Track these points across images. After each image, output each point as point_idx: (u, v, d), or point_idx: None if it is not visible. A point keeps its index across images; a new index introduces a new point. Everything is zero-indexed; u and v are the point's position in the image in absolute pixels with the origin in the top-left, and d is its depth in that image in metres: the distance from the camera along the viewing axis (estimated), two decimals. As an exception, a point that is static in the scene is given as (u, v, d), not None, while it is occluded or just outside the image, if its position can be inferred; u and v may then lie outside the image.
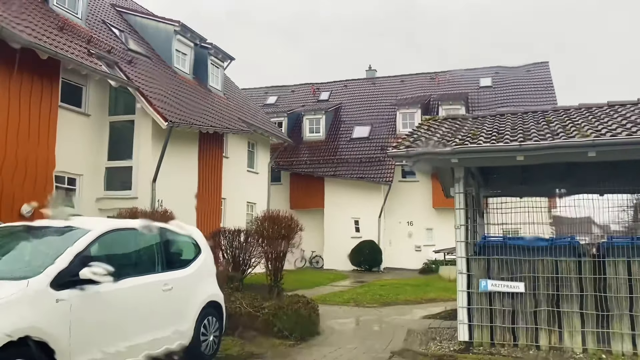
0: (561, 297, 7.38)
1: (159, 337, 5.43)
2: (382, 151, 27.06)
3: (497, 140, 7.37)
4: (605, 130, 7.11)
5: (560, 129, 7.58)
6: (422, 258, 24.54)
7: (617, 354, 7.09)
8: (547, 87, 29.03)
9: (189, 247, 6.58)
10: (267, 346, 7.55)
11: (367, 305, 12.89)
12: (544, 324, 7.40)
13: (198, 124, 16.29)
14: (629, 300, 7.16)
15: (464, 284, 7.78)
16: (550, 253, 7.48)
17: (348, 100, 32.58)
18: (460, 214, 7.96)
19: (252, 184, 21.89)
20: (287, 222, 10.17)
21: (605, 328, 7.23)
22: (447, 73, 32.56)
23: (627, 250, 7.23)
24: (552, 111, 9.30)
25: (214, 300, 6.65)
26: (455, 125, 9.20)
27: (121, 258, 5.35)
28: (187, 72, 19.32)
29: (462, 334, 7.69)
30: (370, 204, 25.94)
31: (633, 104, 8.91)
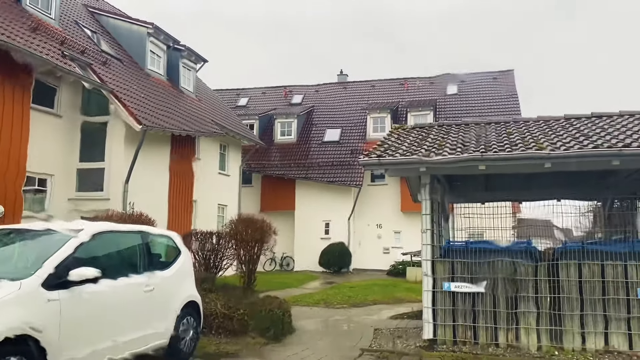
0: (518, 297, 7.92)
1: (141, 336, 5.69)
2: (353, 155, 27.57)
3: (461, 151, 7.86)
4: (560, 144, 7.68)
5: (519, 140, 8.13)
6: (390, 260, 25.10)
7: (568, 350, 7.67)
8: (512, 95, 30.08)
9: (168, 250, 6.84)
10: (242, 345, 7.85)
11: (337, 306, 13.28)
12: (503, 322, 7.92)
13: (171, 127, 16.41)
14: (579, 300, 7.75)
15: (429, 285, 8.25)
16: (508, 256, 8.01)
17: (320, 103, 33.00)
18: (427, 219, 8.43)
19: (223, 186, 22.04)
20: (262, 225, 10.46)
21: (558, 326, 7.81)
22: (416, 79, 33.36)
23: (578, 254, 7.82)
24: (513, 122, 9.89)
25: (192, 300, 6.92)
26: (422, 134, 9.69)
27: (107, 260, 5.57)
28: (160, 73, 19.38)
29: (427, 332, 8.15)
30: (341, 206, 26.40)
31: (587, 117, 9.57)
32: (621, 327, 7.63)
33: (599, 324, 7.69)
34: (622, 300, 7.63)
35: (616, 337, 7.65)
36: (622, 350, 7.56)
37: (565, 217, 12.18)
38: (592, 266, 7.70)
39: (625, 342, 7.60)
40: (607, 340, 7.68)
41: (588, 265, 7.73)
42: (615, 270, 7.69)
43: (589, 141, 7.61)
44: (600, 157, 7.21)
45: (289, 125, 30.34)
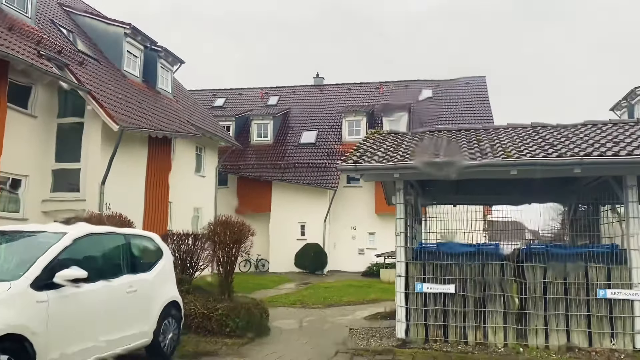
0: (486, 297, 8.31)
1: (124, 336, 5.86)
2: (329, 157, 27.92)
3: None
4: (526, 151, 8.10)
5: (488, 148, 8.53)
6: (364, 261, 25.50)
7: (532, 347, 8.09)
8: (484, 101, 30.85)
9: (151, 252, 6.99)
10: (221, 344, 8.05)
11: (313, 307, 13.55)
12: (471, 321, 8.31)
13: (149, 128, 16.44)
14: (543, 300, 8.18)
15: (402, 286, 8.58)
16: (478, 258, 8.40)
17: (296, 105, 33.23)
18: (401, 223, 8.77)
19: (199, 187, 22.09)
20: (240, 227, 10.64)
21: (523, 325, 8.23)
22: (391, 84, 33.90)
23: (543, 257, 8.26)
24: (483, 130, 10.32)
25: (173, 301, 7.10)
26: (397, 140, 10.04)
27: (92, 261, 5.72)
28: (136, 74, 19.33)
29: (400, 331, 8.48)
30: (316, 208, 26.67)
31: (553, 126, 10.05)
32: (582, 325, 8.07)
33: (562, 322, 8.13)
34: (583, 301, 8.08)
35: (577, 334, 8.09)
36: (582, 346, 8.00)
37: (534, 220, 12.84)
38: (555, 268, 8.13)
39: (585, 339, 8.05)
40: (569, 338, 8.11)
41: (551, 266, 8.16)
42: (577, 271, 8.13)
43: (554, 150, 8.04)
44: (563, 166, 7.65)
45: (266, 126, 30.50)
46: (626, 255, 8.10)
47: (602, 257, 8.16)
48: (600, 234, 9.62)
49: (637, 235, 8.05)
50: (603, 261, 8.13)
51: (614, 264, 8.10)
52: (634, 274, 7.91)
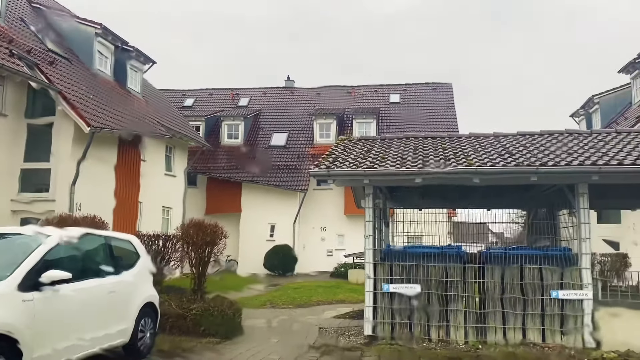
0: (449, 297, 8.80)
1: (105, 334, 6.08)
2: (299, 159, 28.28)
3: (400, 164, 8.68)
4: (487, 160, 8.64)
5: (452, 156, 9.04)
6: (333, 262, 25.90)
7: (491, 343, 8.62)
8: (449, 107, 31.75)
9: (129, 253, 7.21)
10: (195, 343, 8.30)
11: (283, 307, 13.87)
12: (435, 320, 8.79)
13: (120, 129, 16.46)
14: (501, 300, 8.72)
15: (370, 286, 9.00)
16: (441, 260, 8.89)
17: (267, 107, 33.42)
18: (369, 226, 9.19)
19: (168, 188, 22.09)
20: (213, 229, 10.88)
21: (483, 323, 8.75)
22: (361, 88, 34.49)
23: (501, 259, 8.81)
24: (448, 138, 10.85)
25: (150, 301, 7.33)
26: (367, 146, 10.48)
27: (75, 263, 5.91)
28: (107, 74, 19.28)
29: (368, 329, 8.91)
30: (286, 210, 26.96)
31: (513, 135, 10.66)
32: (536, 323, 8.64)
33: (518, 320, 8.68)
34: (538, 300, 8.65)
35: (532, 332, 8.65)
36: (537, 342, 8.57)
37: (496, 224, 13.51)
38: (512, 269, 8.69)
39: (539, 336, 8.62)
40: (525, 335, 8.67)
41: (509, 268, 8.72)
42: (533, 273, 8.71)
43: (512, 159, 8.60)
44: (521, 174, 8.22)
45: (236, 127, 30.64)
46: (578, 257, 8.71)
47: (556, 260, 8.76)
48: (560, 237, 10.25)
49: (588, 240, 8.67)
50: (557, 263, 8.73)
51: (566, 266, 8.70)
52: (584, 275, 8.52)
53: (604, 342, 8.32)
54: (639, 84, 23.31)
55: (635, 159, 8.17)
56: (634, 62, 23.32)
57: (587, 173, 8.13)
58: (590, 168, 8.03)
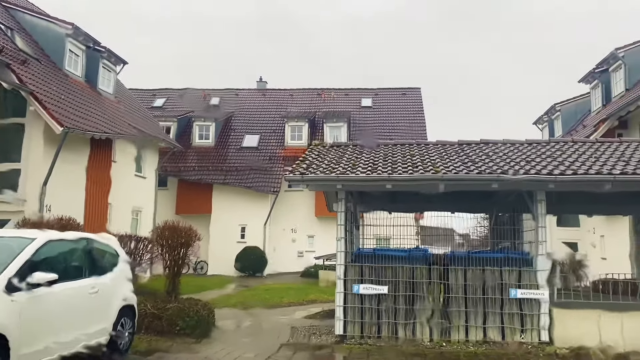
0: (415, 297, 9.27)
1: (87, 333, 6.30)
2: (271, 161, 28.57)
3: (371, 171, 9.11)
4: (452, 167, 9.15)
5: (420, 163, 9.53)
6: (304, 263, 26.24)
7: (454, 341, 9.13)
8: (419, 111, 32.54)
9: (110, 255, 7.41)
10: (171, 343, 8.54)
11: (255, 308, 14.14)
12: (402, 319, 9.24)
13: (92, 130, 16.45)
14: (464, 300, 9.24)
15: (341, 287, 9.40)
16: (409, 262, 9.36)
17: (239, 109, 33.56)
18: (341, 229, 9.59)
19: (139, 188, 22.07)
20: (187, 232, 11.11)
21: (447, 322, 9.24)
22: (332, 91, 34.97)
23: (464, 261, 9.33)
24: (416, 145, 11.36)
25: (129, 302, 7.54)
26: (339, 152, 10.89)
27: (58, 265, 6.09)
28: (78, 74, 19.17)
29: (338, 328, 9.30)
30: (257, 211, 27.20)
31: (476, 143, 11.24)
32: (496, 321, 9.19)
33: (480, 319, 9.22)
34: (498, 300, 9.20)
35: (492, 330, 9.20)
36: (496, 340, 9.12)
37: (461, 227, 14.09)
38: (475, 271, 9.22)
39: (499, 334, 9.18)
40: (485, 333, 9.21)
41: (472, 270, 9.25)
42: (493, 274, 9.26)
43: (475, 167, 9.14)
44: (483, 181, 8.76)
45: (208, 128, 30.68)
46: (535, 260, 9.30)
47: (515, 262, 9.34)
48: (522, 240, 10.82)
49: (544, 243, 9.27)
50: (516, 265, 9.30)
51: (524, 268, 9.28)
52: (539, 276, 9.11)
53: (558, 338, 8.94)
54: (597, 94, 24.46)
55: (587, 169, 8.81)
56: (593, 73, 24.47)
57: (544, 182, 8.72)
58: (546, 177, 8.62)
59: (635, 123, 19.74)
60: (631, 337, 8.77)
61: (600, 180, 8.60)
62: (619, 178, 8.52)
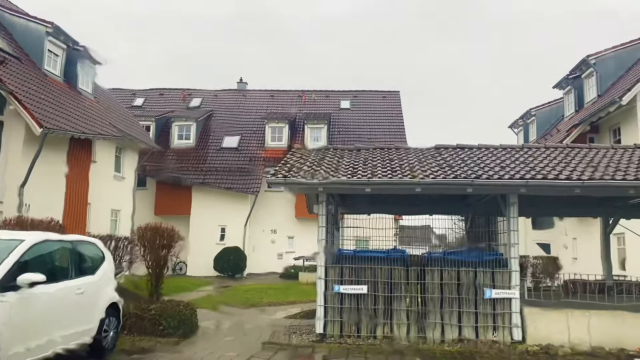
0: (393, 297, 9.56)
1: (72, 333, 6.42)
2: (251, 162, 28.67)
3: (352, 174, 9.38)
4: (429, 172, 9.47)
5: (398, 167, 9.83)
6: (283, 264, 26.46)
7: (430, 339, 9.44)
8: (398, 114, 33.00)
9: (95, 256, 7.53)
10: (155, 342, 8.67)
11: (236, 308, 14.33)
12: (380, 318, 9.53)
13: (72, 130, 16.39)
14: (440, 300, 9.57)
15: (322, 287, 9.65)
16: (387, 263, 9.65)
17: (219, 109, 33.55)
18: (322, 230, 9.83)
19: (118, 189, 22.00)
20: (170, 233, 11.22)
21: (423, 321, 9.55)
22: (313, 92, 35.21)
23: (440, 262, 9.66)
24: (395, 150, 11.67)
25: (114, 302, 7.67)
26: (320, 155, 11.13)
27: (46, 266, 6.20)
28: (58, 74, 19.03)
29: (319, 327, 9.54)
30: (237, 212, 27.27)
31: (453, 148, 11.59)
32: (471, 320, 9.54)
33: (455, 318, 9.55)
34: (472, 300, 9.55)
35: (467, 328, 9.54)
36: (471, 338, 9.46)
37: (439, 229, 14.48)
38: (450, 272, 9.56)
39: (473, 332, 9.52)
40: (460, 332, 9.55)
41: (447, 271, 9.58)
42: (468, 275, 9.60)
43: (451, 171, 9.48)
44: (458, 185, 9.09)
45: (187, 129, 30.64)
46: (508, 261, 9.68)
47: (489, 263, 9.69)
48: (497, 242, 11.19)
49: (516, 245, 9.65)
50: (490, 266, 9.66)
51: (498, 269, 9.65)
52: (512, 277, 9.49)
53: (530, 336, 9.32)
54: (570, 99, 25.20)
55: (557, 174, 9.21)
56: (567, 79, 25.21)
57: (516, 186, 9.09)
58: (518, 182, 9.00)
59: (606, 128, 20.44)
60: (598, 334, 9.20)
61: (569, 186, 9.01)
62: (587, 183, 8.93)
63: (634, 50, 21.90)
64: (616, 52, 22.07)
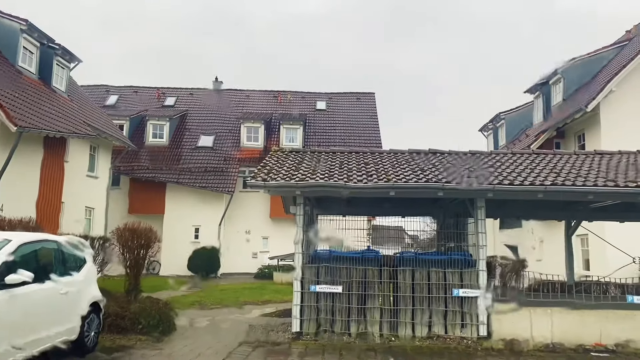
0: (367, 296, 9.94)
1: (57, 332, 6.59)
2: (226, 162, 28.76)
3: (329, 177, 9.73)
4: (402, 175, 9.88)
5: (373, 171, 10.22)
6: (258, 264, 26.64)
7: (402, 336, 9.86)
8: (372, 116, 33.51)
9: (78, 256, 7.69)
10: (135, 340, 8.85)
11: (211, 307, 14.51)
12: (354, 316, 9.90)
13: (48, 129, 16.33)
14: (411, 298, 9.99)
15: (298, 287, 9.96)
16: (361, 263, 10.03)
17: (194, 108, 33.49)
18: (299, 231, 10.15)
19: (91, 188, 21.91)
20: (147, 233, 11.39)
21: (395, 319, 9.96)
22: (288, 93, 35.45)
23: (412, 262, 10.08)
24: (370, 153, 12.07)
25: (96, 301, 7.84)
26: (298, 158, 11.45)
27: (32, 266, 6.33)
28: (32, 71, 18.89)
29: (295, 325, 9.86)
30: (212, 211, 27.34)
31: (425, 152, 12.05)
32: (440, 318, 9.98)
33: (425, 316, 9.98)
34: (442, 298, 10.00)
35: (437, 326, 9.98)
36: (440, 335, 9.91)
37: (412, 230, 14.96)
38: (421, 271, 9.99)
39: (442, 329, 9.96)
40: (430, 329, 9.99)
41: (419, 270, 10.01)
42: (438, 275, 10.05)
43: (424, 175, 9.91)
44: (430, 189, 9.53)
45: (162, 127, 30.55)
46: (476, 262, 10.16)
47: (458, 263, 10.16)
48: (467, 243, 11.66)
49: (484, 247, 10.14)
50: (458, 266, 10.12)
51: (466, 269, 10.12)
52: (480, 276, 9.97)
53: (495, 333, 9.81)
54: (540, 104, 26.11)
55: (523, 180, 9.73)
56: (536, 84, 26.13)
57: (484, 191, 9.57)
58: (486, 187, 9.48)
59: (571, 134, 21.32)
60: (559, 331, 9.75)
61: (533, 191, 9.53)
62: (550, 188, 9.47)
63: (599, 59, 22.91)
64: (583, 60, 23.07)
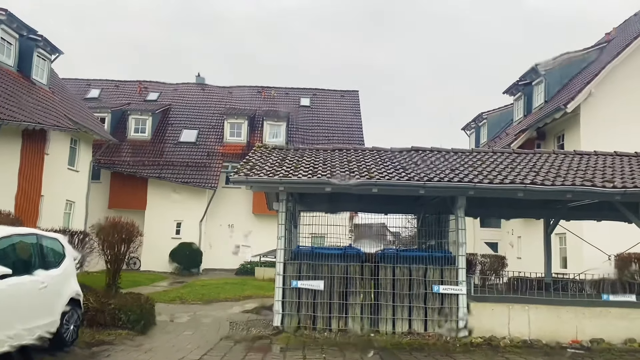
0: (348, 292, 10.02)
1: (35, 326, 6.51)
2: (209, 157, 28.60)
3: (312, 174, 9.76)
4: (385, 173, 9.96)
5: (356, 168, 10.28)
6: (239, 260, 26.55)
7: (383, 332, 9.95)
8: (356, 113, 33.60)
9: (57, 251, 7.61)
10: (115, 335, 8.78)
11: (192, 303, 14.46)
12: (336, 312, 9.97)
13: (27, 121, 16.07)
14: (392, 295, 10.08)
15: (280, 283, 10.00)
16: (343, 259, 10.10)
17: (177, 103, 33.20)
18: (282, 228, 10.18)
19: (71, 182, 21.67)
20: (129, 228, 11.30)
21: (376, 314, 10.06)
22: (272, 89, 35.36)
23: (393, 259, 10.18)
24: (353, 151, 12.14)
25: (75, 296, 7.78)
26: (281, 155, 11.46)
27: (11, 259, 6.27)
28: (10, 64, 18.55)
29: (277, 321, 9.90)
30: (194, 207, 27.18)
31: (407, 150, 12.15)
32: (420, 314, 10.10)
33: (405, 312, 10.09)
34: (422, 295, 10.11)
35: (416, 322, 10.09)
36: (420, 332, 10.02)
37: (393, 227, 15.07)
38: (402, 268, 10.09)
39: (422, 326, 10.08)
40: (410, 325, 10.10)
41: (400, 267, 10.11)
42: (419, 271, 10.16)
43: (405, 173, 10.01)
44: (411, 187, 9.63)
45: (144, 122, 30.25)
46: (455, 259, 10.29)
47: (439, 260, 10.28)
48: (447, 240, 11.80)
49: (464, 244, 10.27)
50: (439, 263, 10.24)
51: (446, 266, 10.24)
52: (459, 273, 10.11)
53: (474, 329, 9.95)
54: (519, 105, 26.46)
55: (503, 179, 9.88)
56: (516, 85, 26.47)
57: (465, 189, 9.70)
58: (467, 185, 9.61)
59: (551, 134, 21.64)
60: (536, 327, 9.94)
61: (513, 189, 9.69)
62: (529, 187, 9.63)
63: (580, 61, 23.25)
64: (563, 61, 23.39)
